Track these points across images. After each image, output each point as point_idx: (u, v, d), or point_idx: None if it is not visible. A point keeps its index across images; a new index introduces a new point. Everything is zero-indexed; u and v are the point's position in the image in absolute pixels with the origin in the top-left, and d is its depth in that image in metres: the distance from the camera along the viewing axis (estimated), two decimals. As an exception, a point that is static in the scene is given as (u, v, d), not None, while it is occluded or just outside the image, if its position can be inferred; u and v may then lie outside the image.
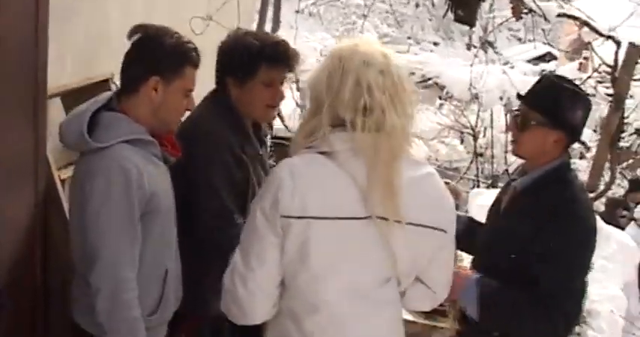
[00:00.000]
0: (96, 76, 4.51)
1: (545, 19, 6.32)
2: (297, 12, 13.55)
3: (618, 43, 6.23)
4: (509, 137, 3.25)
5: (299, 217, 2.32)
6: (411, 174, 2.42)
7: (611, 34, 6.38)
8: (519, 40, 26.39)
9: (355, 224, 2.33)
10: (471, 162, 11.00)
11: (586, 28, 6.79)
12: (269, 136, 3.84)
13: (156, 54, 2.75)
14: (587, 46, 13.52)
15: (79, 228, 2.73)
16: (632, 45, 5.85)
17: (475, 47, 26.85)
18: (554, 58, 21.09)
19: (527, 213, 2.99)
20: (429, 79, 10.80)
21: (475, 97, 10.36)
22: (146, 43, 2.77)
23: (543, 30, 19.70)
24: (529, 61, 20.47)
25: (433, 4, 22.23)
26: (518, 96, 3.20)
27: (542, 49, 21.73)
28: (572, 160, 3.23)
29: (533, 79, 8.81)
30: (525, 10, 6.06)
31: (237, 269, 2.40)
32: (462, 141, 12.26)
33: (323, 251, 2.35)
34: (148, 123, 2.78)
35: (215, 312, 3.18)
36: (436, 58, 11.12)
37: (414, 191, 2.41)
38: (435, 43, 24.99)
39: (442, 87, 10.77)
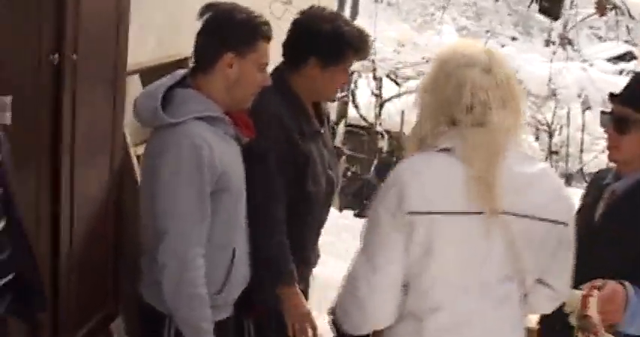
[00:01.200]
0: (175, 54, 4.56)
1: (630, 15, 6.17)
2: (376, 1, 13.48)
3: None
4: (606, 142, 2.98)
5: (425, 213, 2.32)
6: (525, 169, 2.43)
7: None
8: (600, 38, 25.89)
9: (476, 219, 2.33)
10: (545, 160, 10.83)
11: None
12: (341, 123, 3.86)
13: (228, 30, 2.76)
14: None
15: (149, 204, 2.74)
16: None
17: (554, 44, 26.54)
18: (635, 57, 20.65)
19: (633, 216, 2.81)
20: (507, 73, 10.63)
21: (553, 94, 10.19)
22: (218, 20, 2.79)
23: (627, 27, 19.32)
24: (609, 60, 20.02)
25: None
26: (612, 95, 2.94)
27: (623, 48, 21.34)
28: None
29: (613, 78, 8.64)
30: (609, 6, 5.92)
31: (360, 271, 2.38)
32: (536, 138, 12.08)
33: (447, 247, 2.35)
34: (222, 100, 2.79)
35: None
36: (514, 53, 10.93)
37: (532, 186, 2.42)
38: (514, 38, 24.64)
39: (519, 82, 10.61)
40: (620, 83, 9.40)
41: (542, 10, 5.48)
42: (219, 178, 2.71)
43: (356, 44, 3.27)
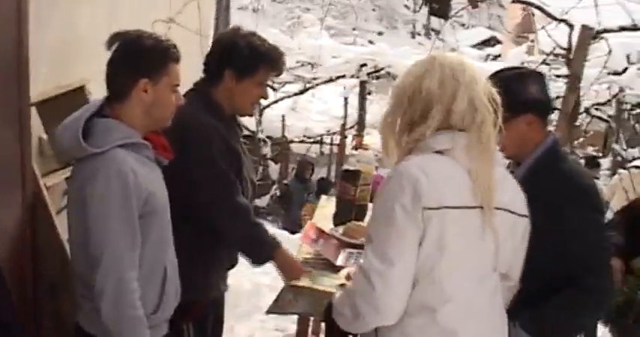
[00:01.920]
0: (69, 83, 4.55)
1: (501, 5, 6.48)
2: (241, 8, 13.53)
3: (571, 26, 6.42)
4: None
5: (438, 208, 2.48)
6: (499, 168, 2.71)
7: (564, 17, 6.57)
8: (462, 25, 26.66)
9: (477, 212, 2.55)
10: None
11: (536, 12, 6.99)
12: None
13: (139, 57, 2.86)
14: (532, 29, 13.81)
15: (79, 233, 2.80)
16: (585, 27, 6.04)
17: (419, 35, 27.21)
18: (499, 42, 21.40)
19: (536, 200, 2.94)
20: (382, 68, 10.92)
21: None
22: (128, 49, 2.88)
23: (495, 15, 19.89)
24: (474, 46, 20.69)
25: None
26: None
27: (486, 34, 22.05)
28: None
29: (484, 64, 9.00)
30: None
31: (372, 267, 2.48)
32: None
33: (457, 239, 2.52)
34: (142, 125, 2.88)
35: (214, 294, 3.59)
36: (387, 49, 11.23)
37: (506, 182, 2.71)
38: (380, 33, 25.15)
39: (394, 77, 10.91)
40: (490, 69, 9.77)
41: (432, 13, 5.68)
42: (145, 202, 2.80)
43: (269, 59, 3.56)
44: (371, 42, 22.46)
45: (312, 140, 14.64)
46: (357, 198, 4.33)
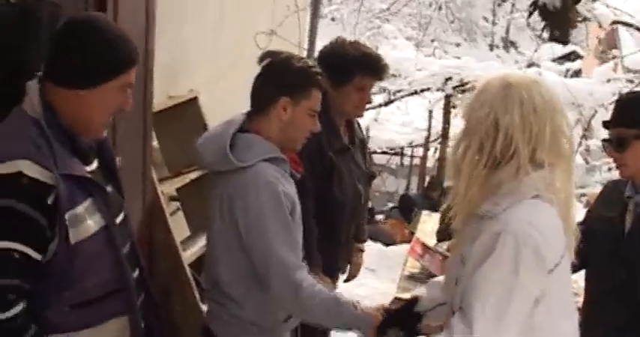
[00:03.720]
0: (178, 94, 4.71)
1: (600, 26, 6.50)
2: (320, 17, 13.60)
3: (671, 47, 6.39)
4: (613, 163, 3.32)
5: (556, 266, 2.33)
6: None
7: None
8: (540, 37, 26.39)
9: (566, 255, 2.42)
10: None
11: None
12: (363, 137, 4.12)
13: (285, 76, 2.95)
14: (616, 45, 13.66)
15: (226, 245, 2.91)
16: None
17: (497, 47, 27.01)
18: (579, 56, 21.10)
19: None
20: (467, 82, 10.92)
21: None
22: (276, 67, 2.97)
23: (577, 28, 19.69)
24: (553, 61, 20.39)
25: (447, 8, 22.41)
26: (605, 123, 3.27)
27: (567, 48, 21.78)
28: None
29: (568, 81, 8.94)
30: (579, 19, 6.23)
31: (485, 331, 2.28)
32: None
33: (561, 286, 2.42)
34: (277, 141, 2.98)
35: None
36: (472, 62, 11.22)
37: None
38: (458, 44, 25.01)
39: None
40: (574, 86, 9.62)
41: (553, 38, 5.70)
42: (292, 210, 2.91)
43: (362, 65, 3.76)
44: (445, 52, 22.39)
45: (393, 152, 14.68)
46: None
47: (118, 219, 2.56)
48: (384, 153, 14.69)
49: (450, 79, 10.91)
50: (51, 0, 2.96)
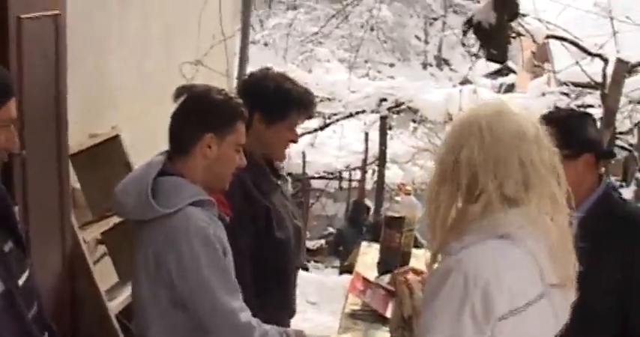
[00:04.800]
0: (100, 131, 4.49)
1: (534, 41, 6.41)
2: (253, 42, 13.50)
3: (606, 61, 6.34)
4: None
5: (514, 312, 2.13)
6: None
7: (599, 51, 6.50)
8: (475, 56, 26.63)
9: (543, 302, 2.21)
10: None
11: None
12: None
13: (207, 111, 2.74)
14: (547, 59, 13.74)
15: (158, 295, 2.69)
16: (620, 61, 5.95)
17: (431, 66, 27.28)
18: (512, 71, 21.32)
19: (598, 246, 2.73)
20: (402, 103, 10.84)
21: (450, 119, 10.42)
22: (196, 102, 2.76)
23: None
24: (487, 76, 20.56)
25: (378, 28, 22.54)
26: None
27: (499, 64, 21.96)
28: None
29: (502, 96, 8.87)
30: (514, 35, 6.14)
31: None
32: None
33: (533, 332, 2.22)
34: (203, 182, 2.76)
35: None
36: (406, 83, 11.15)
37: None
38: (392, 65, 25.17)
39: (415, 111, 10.82)
40: (513, 101, 9.58)
41: (490, 58, 5.60)
42: (224, 256, 2.71)
43: (300, 102, 3.34)
44: (379, 72, 22.48)
45: (332, 176, 14.55)
46: (402, 245, 4.20)
47: (21, 280, 2.27)
48: (321, 178, 14.56)
49: (384, 100, 10.82)
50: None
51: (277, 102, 3.27)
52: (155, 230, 2.66)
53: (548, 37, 6.52)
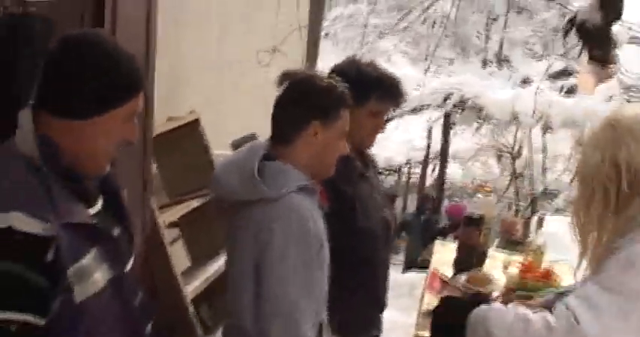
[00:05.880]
0: (178, 115, 4.46)
1: (616, 46, 6.27)
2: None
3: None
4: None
5: None
6: None
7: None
8: (534, 54, 26.33)
9: None
10: (510, 182, 10.95)
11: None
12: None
13: (312, 98, 2.67)
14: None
15: (248, 278, 2.64)
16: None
17: (491, 63, 26.94)
18: (572, 73, 21.01)
19: None
20: (467, 100, 10.75)
21: (515, 118, 10.31)
22: (301, 88, 2.70)
23: (571, 44, 19.51)
24: (548, 77, 20.30)
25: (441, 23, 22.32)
26: None
27: (560, 65, 21.66)
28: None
29: (567, 99, 8.75)
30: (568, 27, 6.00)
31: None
32: (499, 161, 12.22)
33: None
34: (308, 170, 2.70)
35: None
36: (474, 80, 11.05)
37: None
38: (451, 61, 24.93)
39: (480, 109, 10.72)
40: (574, 103, 9.50)
41: (594, 58, 5.53)
42: (319, 250, 2.64)
43: (379, 87, 3.27)
44: (439, 67, 22.28)
45: (391, 170, 14.50)
46: (480, 243, 4.14)
47: (128, 266, 2.21)
48: (380, 173, 14.45)
49: (449, 96, 10.74)
50: (43, 15, 2.64)
51: (356, 86, 3.16)
52: (256, 212, 2.60)
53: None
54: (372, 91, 3.25)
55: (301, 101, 2.67)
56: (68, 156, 2.02)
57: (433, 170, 11.93)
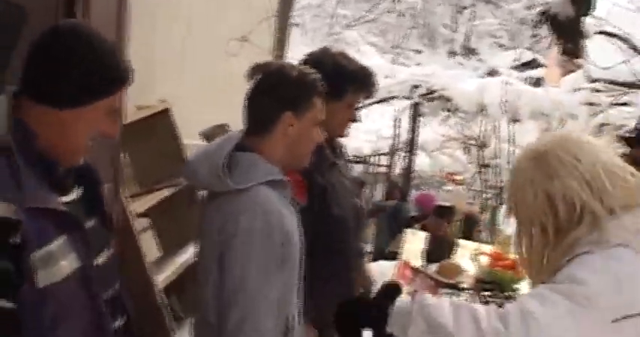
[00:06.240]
0: (146, 104, 4.43)
1: (583, 37, 6.33)
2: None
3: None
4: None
5: (625, 318, 2.07)
6: None
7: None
8: (501, 46, 26.47)
9: None
10: (477, 173, 11.01)
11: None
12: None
13: (285, 88, 2.65)
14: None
15: (212, 270, 2.63)
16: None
17: (457, 54, 27.04)
18: (540, 65, 21.12)
19: None
20: (435, 91, 10.78)
21: (481, 109, 10.35)
22: (272, 80, 2.68)
23: (538, 36, 19.55)
24: (514, 68, 20.41)
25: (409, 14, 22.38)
26: (626, 139, 3.08)
27: (527, 56, 21.80)
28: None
29: (536, 90, 8.80)
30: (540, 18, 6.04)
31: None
32: (466, 152, 12.28)
33: None
34: (282, 161, 2.69)
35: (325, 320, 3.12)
36: (441, 71, 11.08)
37: None
38: (418, 51, 25.01)
39: (447, 100, 10.76)
40: (541, 94, 9.57)
41: (565, 52, 5.54)
42: (285, 246, 2.62)
43: (356, 79, 3.32)
44: (407, 58, 22.38)
45: (360, 159, 14.50)
46: (450, 234, 4.17)
47: (100, 259, 2.20)
48: (348, 161, 14.44)
49: (417, 86, 10.76)
50: (16, 3, 2.62)
51: (333, 80, 3.15)
52: (224, 204, 2.59)
53: (599, 32, 6.43)
54: (348, 84, 3.28)
55: (273, 92, 2.66)
56: (43, 144, 2.02)
57: (399, 160, 11.96)
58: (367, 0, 22.36)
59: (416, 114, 10.88)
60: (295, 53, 7.85)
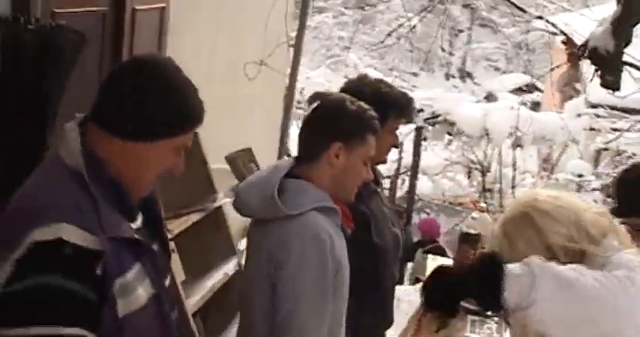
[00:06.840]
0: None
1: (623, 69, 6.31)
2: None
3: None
4: None
5: None
6: None
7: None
8: (497, 69, 26.66)
9: None
10: (479, 197, 11.04)
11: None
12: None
13: (341, 121, 2.69)
14: (579, 79, 13.67)
15: (261, 294, 2.63)
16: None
17: (454, 77, 27.22)
18: (537, 89, 21.25)
19: None
20: (439, 115, 10.83)
21: (485, 134, 10.40)
22: (328, 109, 2.72)
23: (533, 60, 19.55)
24: (511, 92, 20.58)
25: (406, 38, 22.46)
26: (615, 211, 3.04)
27: (524, 80, 21.90)
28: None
29: (540, 115, 8.77)
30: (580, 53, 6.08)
31: None
32: (468, 176, 12.30)
33: None
34: (329, 191, 2.70)
35: None
36: (445, 95, 11.14)
37: None
38: (415, 74, 25.14)
39: (451, 124, 10.80)
40: (542, 118, 9.56)
41: (604, 84, 5.54)
42: (336, 273, 2.63)
43: (397, 105, 3.36)
44: (404, 81, 22.42)
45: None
46: (476, 261, 4.17)
47: (166, 282, 2.24)
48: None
49: (421, 110, 10.80)
50: (73, 28, 2.63)
51: (375, 107, 3.19)
52: (274, 230, 2.61)
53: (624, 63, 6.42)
54: (390, 111, 3.30)
55: (327, 122, 2.70)
56: (113, 172, 2.04)
57: (402, 184, 11.95)
58: (364, 22, 22.40)
59: (419, 137, 10.90)
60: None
